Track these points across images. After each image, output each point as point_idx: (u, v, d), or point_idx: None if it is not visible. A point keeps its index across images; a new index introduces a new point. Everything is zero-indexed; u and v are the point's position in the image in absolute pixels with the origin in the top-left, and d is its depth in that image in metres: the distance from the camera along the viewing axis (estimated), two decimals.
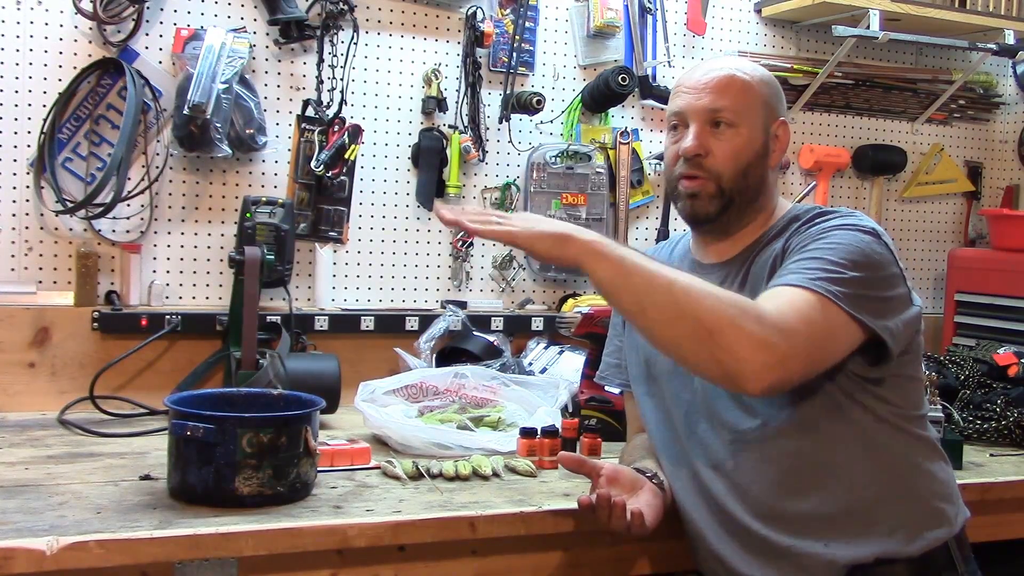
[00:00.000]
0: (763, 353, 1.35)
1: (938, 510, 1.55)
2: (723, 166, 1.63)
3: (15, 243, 2.34)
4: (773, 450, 1.54)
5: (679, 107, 1.67)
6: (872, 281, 1.49)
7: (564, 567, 1.70)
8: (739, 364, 1.35)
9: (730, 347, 1.35)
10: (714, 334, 1.36)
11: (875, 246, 1.52)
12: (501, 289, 2.79)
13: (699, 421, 1.63)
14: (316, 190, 2.56)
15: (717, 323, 1.36)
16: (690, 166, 1.64)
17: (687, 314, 1.37)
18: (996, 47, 3.05)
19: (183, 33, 2.41)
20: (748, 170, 1.64)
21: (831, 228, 1.55)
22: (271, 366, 2.10)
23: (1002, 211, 3.24)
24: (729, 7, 3.04)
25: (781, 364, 1.37)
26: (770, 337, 1.36)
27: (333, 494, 1.66)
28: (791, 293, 1.45)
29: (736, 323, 1.36)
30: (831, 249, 1.50)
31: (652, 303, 1.40)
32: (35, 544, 1.36)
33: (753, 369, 1.35)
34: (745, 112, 1.64)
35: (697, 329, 1.37)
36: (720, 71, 1.66)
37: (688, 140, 1.64)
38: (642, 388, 1.78)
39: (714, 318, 1.36)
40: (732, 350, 1.35)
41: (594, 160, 2.82)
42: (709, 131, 1.64)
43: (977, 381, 2.46)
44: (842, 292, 1.44)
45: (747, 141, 1.64)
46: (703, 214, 1.66)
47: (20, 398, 2.26)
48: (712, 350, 1.36)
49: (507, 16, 2.75)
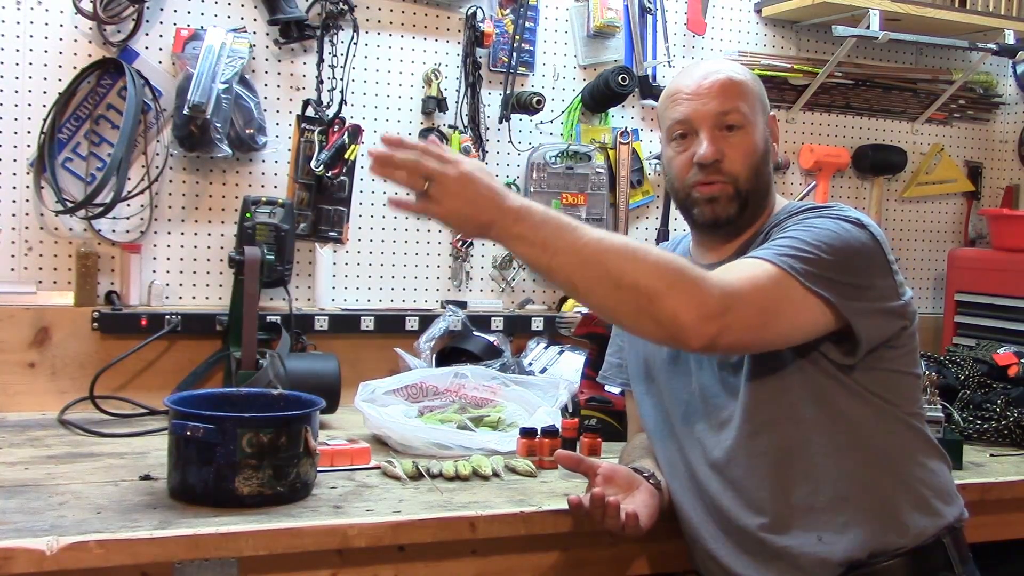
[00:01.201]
0: (701, 308, 1.36)
1: (928, 502, 1.55)
2: (739, 168, 1.63)
3: (15, 243, 2.34)
4: (764, 444, 1.54)
5: (684, 115, 1.66)
6: (844, 265, 1.49)
7: (564, 567, 1.70)
8: (678, 321, 1.36)
9: (670, 308, 1.36)
10: (653, 299, 1.36)
11: (856, 233, 1.52)
12: (501, 289, 2.79)
13: (696, 420, 1.63)
14: (316, 190, 2.56)
15: (655, 288, 1.36)
16: (707, 172, 1.63)
17: (624, 285, 1.37)
18: (996, 47, 3.05)
19: (183, 33, 2.41)
20: (759, 168, 1.66)
21: (813, 216, 1.56)
22: (271, 366, 2.10)
23: (1002, 211, 3.24)
24: (729, 7, 3.04)
25: (719, 318, 1.37)
26: (709, 293, 1.37)
27: (333, 494, 1.66)
28: (749, 263, 1.47)
29: (674, 285, 1.36)
30: (806, 231, 1.51)
31: (583, 279, 1.39)
32: (35, 544, 1.36)
33: (692, 324, 1.36)
34: (750, 112, 1.65)
35: (636, 296, 1.37)
36: (717, 74, 1.66)
37: (704, 147, 1.63)
38: (641, 387, 1.78)
39: (651, 283, 1.36)
40: (671, 310, 1.36)
41: (594, 160, 2.82)
42: (721, 135, 1.64)
43: (977, 381, 2.46)
44: (805, 269, 1.45)
45: (756, 141, 1.65)
46: (724, 217, 1.65)
47: (20, 398, 2.26)
48: (653, 313, 1.37)
49: (507, 16, 2.75)
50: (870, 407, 1.55)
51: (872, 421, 1.55)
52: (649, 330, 1.42)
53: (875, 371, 1.56)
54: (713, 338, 1.38)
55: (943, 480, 1.60)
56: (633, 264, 1.37)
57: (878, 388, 1.56)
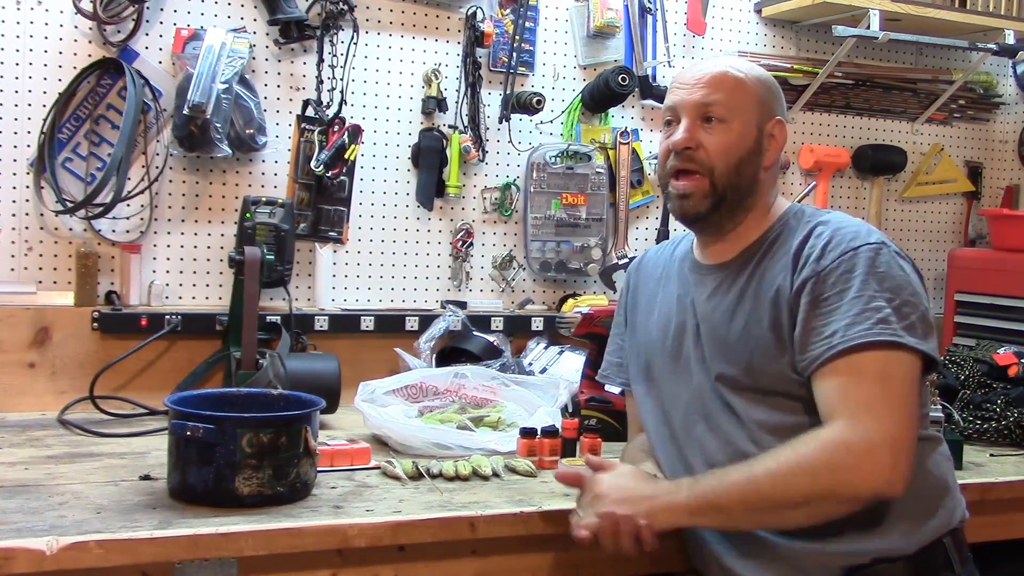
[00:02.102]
0: (870, 459, 1.40)
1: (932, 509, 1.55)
2: (714, 160, 1.62)
3: (15, 243, 2.34)
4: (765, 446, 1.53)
5: (672, 102, 1.67)
6: (925, 312, 1.50)
7: (564, 567, 1.69)
8: (864, 485, 1.41)
9: (846, 485, 1.41)
10: (828, 494, 1.42)
11: (908, 268, 1.54)
12: (501, 289, 2.79)
13: (696, 422, 1.63)
14: (316, 190, 2.56)
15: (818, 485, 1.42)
16: (681, 159, 1.64)
17: (795, 500, 1.44)
18: (996, 47, 3.05)
19: (183, 33, 2.41)
20: (740, 167, 1.63)
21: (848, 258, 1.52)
22: (271, 366, 2.10)
23: (1002, 211, 3.24)
24: (729, 7, 3.04)
25: (890, 449, 1.41)
26: (863, 444, 1.41)
27: (333, 494, 1.66)
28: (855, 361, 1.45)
29: (830, 465, 1.41)
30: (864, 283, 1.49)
31: (754, 520, 1.49)
32: (35, 544, 1.36)
33: (876, 478, 1.40)
34: (737, 108, 1.63)
35: (811, 503, 1.43)
36: (714, 68, 1.66)
37: (678, 133, 1.64)
38: (642, 388, 1.78)
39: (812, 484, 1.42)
40: (849, 487, 1.41)
41: (594, 160, 2.82)
42: (700, 125, 1.64)
43: (977, 381, 2.46)
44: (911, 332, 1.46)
45: (738, 137, 1.63)
46: (693, 213, 1.65)
47: (20, 398, 2.26)
48: (839, 500, 1.43)
49: (507, 16, 2.75)
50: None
51: None
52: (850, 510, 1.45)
53: None
54: (901, 472, 1.41)
55: (947, 484, 1.60)
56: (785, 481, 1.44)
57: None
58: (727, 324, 1.60)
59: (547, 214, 2.78)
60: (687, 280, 1.71)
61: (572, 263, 2.80)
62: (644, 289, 1.82)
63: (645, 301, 1.81)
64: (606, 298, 2.78)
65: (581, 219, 2.81)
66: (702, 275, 1.68)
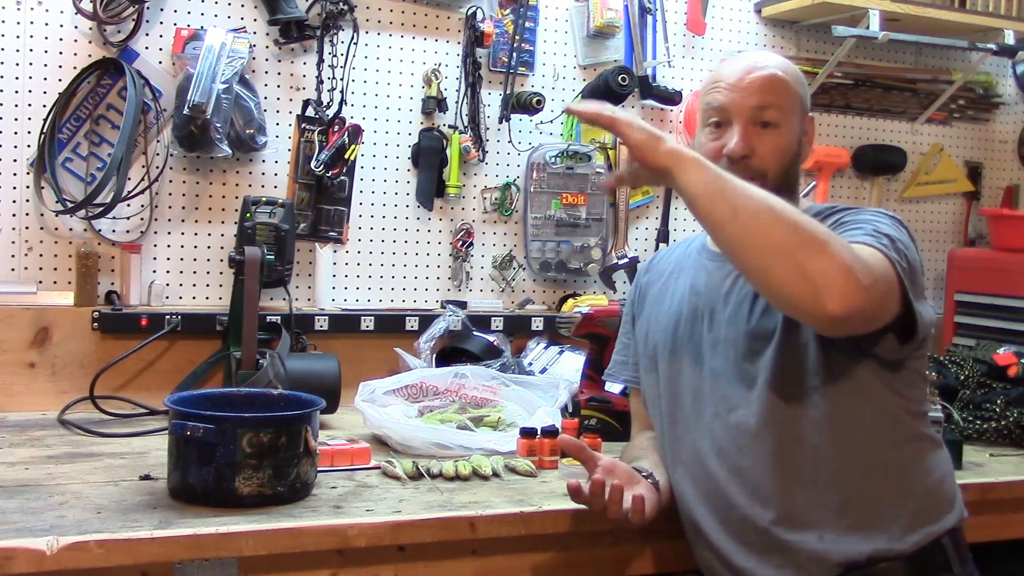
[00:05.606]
0: (850, 278, 1.34)
1: (932, 511, 1.55)
2: (768, 166, 1.63)
3: (15, 243, 2.34)
4: (775, 436, 1.54)
5: (721, 103, 1.65)
6: (911, 261, 1.50)
7: (564, 567, 1.70)
8: (827, 282, 1.33)
9: (822, 264, 1.33)
10: (809, 247, 1.34)
11: (907, 234, 1.55)
12: (501, 289, 2.79)
13: (706, 407, 1.63)
14: (316, 190, 2.56)
15: (813, 237, 1.35)
16: (735, 167, 1.61)
17: (784, 222, 1.36)
18: (996, 47, 3.05)
19: (183, 33, 2.41)
20: (789, 168, 1.66)
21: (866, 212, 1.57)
22: (271, 366, 2.11)
23: (1002, 211, 3.24)
24: (729, 7, 3.04)
25: (863, 293, 1.35)
26: (856, 266, 1.35)
27: (333, 494, 1.66)
28: (860, 246, 1.43)
29: (831, 243, 1.35)
30: (879, 223, 1.51)
31: (745, 208, 1.38)
32: (35, 544, 1.36)
33: (839, 290, 1.33)
34: (787, 111, 1.65)
35: (790, 239, 1.35)
36: (763, 69, 1.65)
37: (735, 141, 1.63)
38: (651, 375, 1.77)
39: (810, 232, 1.35)
40: (823, 267, 1.33)
41: (594, 160, 2.82)
42: (754, 131, 1.64)
43: (977, 381, 2.46)
44: (898, 261, 1.45)
45: (789, 141, 1.65)
46: None
47: (20, 398, 2.26)
48: (803, 262, 1.34)
49: (507, 16, 2.75)
50: (890, 409, 1.55)
51: (885, 429, 1.55)
52: (789, 280, 1.36)
53: (904, 369, 1.56)
54: (849, 313, 1.35)
55: (947, 485, 1.60)
56: (795, 212, 1.38)
57: (903, 387, 1.56)
58: (749, 308, 1.60)
59: (547, 214, 2.78)
60: (705, 269, 1.71)
61: (572, 263, 2.80)
62: (654, 285, 1.84)
63: (655, 295, 1.81)
64: (606, 298, 2.78)
65: (581, 219, 2.81)
66: (722, 262, 1.67)
